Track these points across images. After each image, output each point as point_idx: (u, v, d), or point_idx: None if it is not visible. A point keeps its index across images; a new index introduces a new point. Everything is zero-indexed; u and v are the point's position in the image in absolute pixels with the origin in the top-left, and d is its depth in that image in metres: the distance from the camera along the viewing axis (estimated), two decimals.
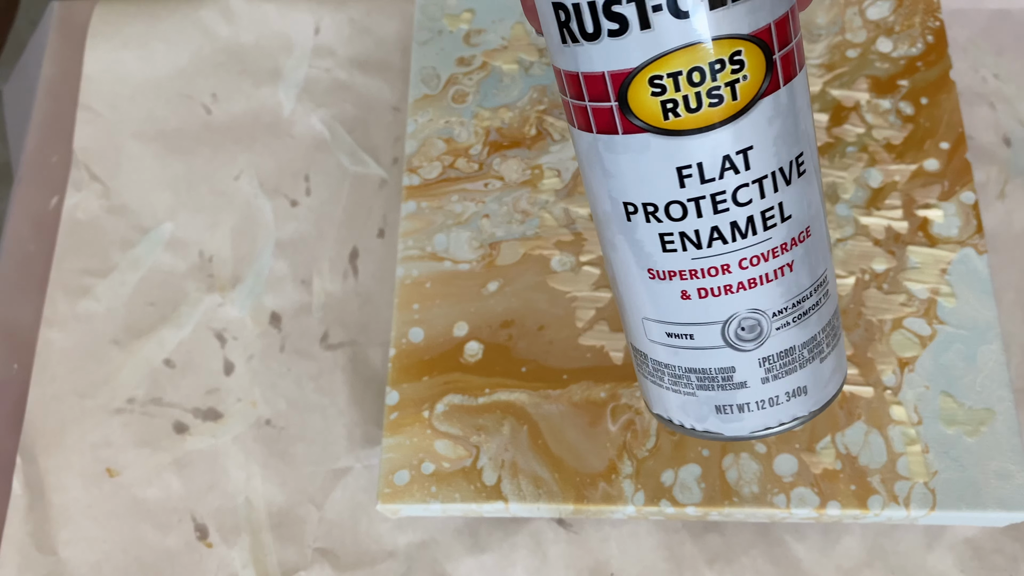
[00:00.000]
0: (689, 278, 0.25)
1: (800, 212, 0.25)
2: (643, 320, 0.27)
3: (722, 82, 0.22)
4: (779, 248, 0.25)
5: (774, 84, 0.23)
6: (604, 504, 0.34)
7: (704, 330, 0.26)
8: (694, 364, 0.27)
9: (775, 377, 0.26)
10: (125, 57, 0.48)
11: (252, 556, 0.38)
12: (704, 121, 0.23)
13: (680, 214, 0.24)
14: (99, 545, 0.39)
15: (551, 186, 0.40)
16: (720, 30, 0.22)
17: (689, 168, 0.23)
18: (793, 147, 0.24)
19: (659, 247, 0.25)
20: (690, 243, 0.24)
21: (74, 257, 0.44)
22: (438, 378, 0.37)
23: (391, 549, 0.38)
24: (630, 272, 0.26)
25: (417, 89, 0.42)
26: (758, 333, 0.26)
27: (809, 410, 0.27)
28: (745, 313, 0.25)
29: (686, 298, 0.25)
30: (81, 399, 0.41)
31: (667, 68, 0.22)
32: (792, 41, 0.23)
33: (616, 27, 0.22)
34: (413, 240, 0.39)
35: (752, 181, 0.23)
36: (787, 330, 0.26)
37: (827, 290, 0.26)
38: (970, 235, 0.38)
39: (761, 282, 0.25)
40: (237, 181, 0.45)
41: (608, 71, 0.23)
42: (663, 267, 0.25)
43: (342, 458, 0.40)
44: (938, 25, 0.42)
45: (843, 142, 0.40)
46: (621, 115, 0.23)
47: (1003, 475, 0.34)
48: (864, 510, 0.34)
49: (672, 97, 0.22)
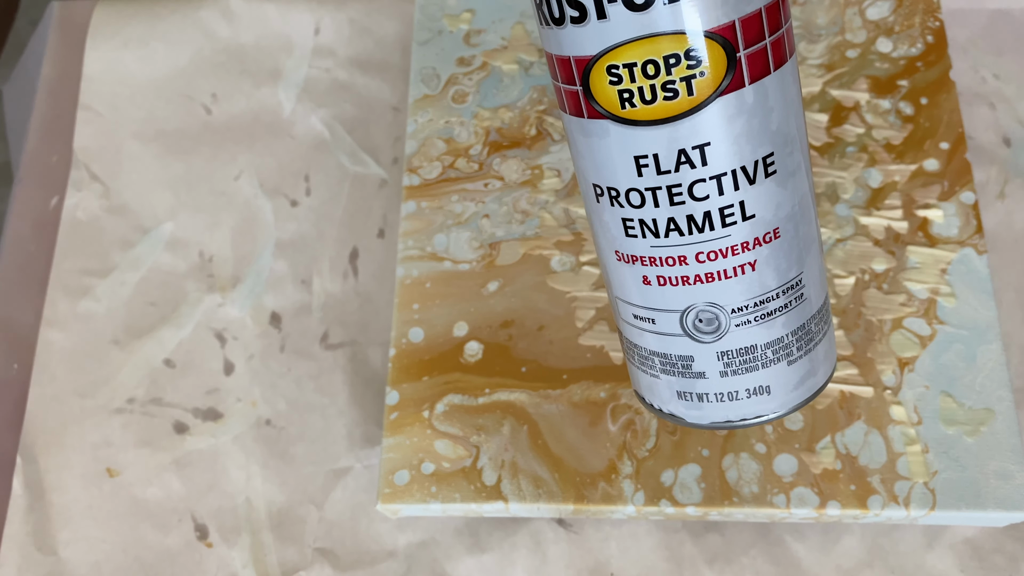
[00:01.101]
0: (649, 265, 0.25)
1: (767, 213, 0.24)
2: (616, 298, 0.28)
3: (677, 76, 0.22)
4: (739, 246, 0.24)
5: (737, 83, 0.23)
6: (604, 504, 0.34)
7: (664, 316, 0.26)
8: (656, 348, 0.27)
9: (734, 372, 0.26)
10: (125, 57, 0.48)
11: (252, 556, 0.38)
12: (659, 114, 0.23)
13: (639, 201, 0.24)
14: (99, 545, 0.39)
15: (551, 186, 0.40)
16: (675, 25, 0.22)
17: (646, 158, 0.23)
18: (760, 147, 0.24)
19: (622, 231, 0.25)
20: (648, 231, 0.25)
21: (74, 257, 0.44)
22: (438, 378, 0.37)
23: (391, 549, 0.38)
24: (603, 251, 0.27)
25: (417, 89, 0.42)
26: (716, 327, 0.26)
27: (773, 411, 0.27)
28: (703, 306, 0.25)
29: (647, 283, 0.26)
30: (81, 399, 0.41)
31: (622, 59, 0.22)
32: (766, 39, 0.23)
33: (576, 15, 0.22)
34: (413, 240, 0.39)
35: (709, 177, 0.23)
36: (748, 328, 0.26)
37: (801, 294, 0.26)
38: (970, 235, 0.38)
39: (719, 277, 0.25)
40: (237, 181, 0.45)
41: (573, 56, 0.23)
42: (625, 251, 0.26)
43: (342, 458, 0.40)
44: (938, 25, 0.42)
45: (843, 142, 0.40)
46: (585, 100, 0.24)
47: (1003, 475, 0.34)
48: (864, 510, 0.34)
49: (628, 87, 0.23)
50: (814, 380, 0.28)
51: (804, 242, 0.26)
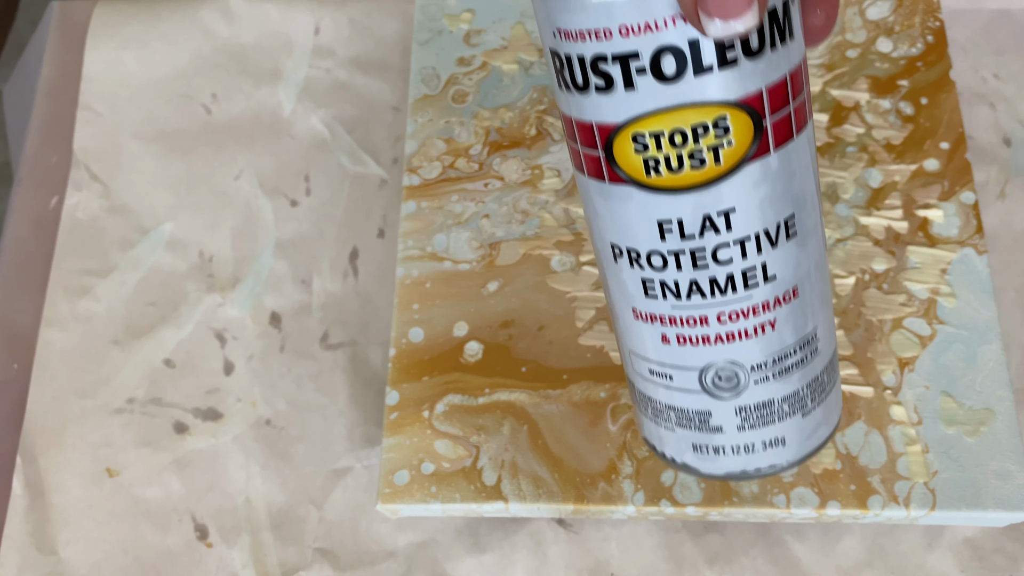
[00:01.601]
0: (668, 324, 0.25)
1: (787, 273, 0.24)
2: (630, 352, 0.27)
3: (705, 145, 0.22)
4: (760, 306, 0.24)
5: (763, 149, 0.22)
6: (604, 504, 0.34)
7: (682, 374, 0.26)
8: (673, 402, 0.27)
9: (751, 427, 0.26)
10: (125, 57, 0.48)
11: (252, 556, 0.38)
12: (685, 181, 0.22)
13: (660, 264, 0.24)
14: (99, 545, 0.39)
15: (551, 186, 0.40)
16: (704, 96, 0.21)
17: (669, 223, 0.23)
18: (782, 210, 0.23)
19: (641, 291, 0.25)
20: (670, 292, 0.24)
21: (74, 257, 0.44)
22: (438, 378, 0.37)
23: (391, 549, 0.38)
24: (618, 307, 0.26)
25: (417, 89, 0.42)
26: (735, 383, 0.25)
27: (788, 460, 0.27)
28: (722, 363, 0.25)
29: (665, 342, 0.25)
30: (81, 399, 0.41)
31: (649, 128, 0.22)
32: (790, 105, 0.22)
33: (602, 83, 0.22)
34: (413, 240, 0.39)
35: (733, 241, 0.23)
36: (766, 383, 0.25)
37: (816, 347, 0.26)
38: (970, 235, 0.38)
39: (740, 337, 0.25)
40: (237, 181, 0.45)
41: (596, 123, 0.23)
42: (644, 310, 0.25)
43: (342, 458, 0.40)
44: (938, 25, 0.42)
45: (843, 142, 0.40)
46: (607, 165, 0.23)
47: (1003, 475, 0.34)
48: (864, 510, 0.34)
49: (654, 156, 0.22)
50: (825, 428, 0.28)
51: (819, 297, 0.26)
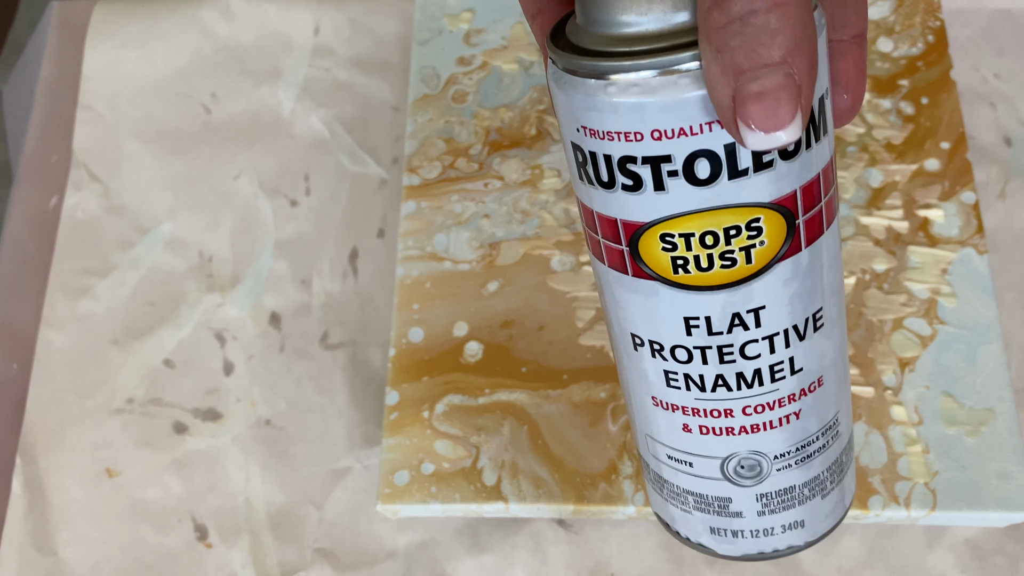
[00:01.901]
0: (691, 415, 0.24)
1: (813, 365, 0.24)
2: (646, 436, 0.26)
3: (736, 247, 0.21)
4: (786, 399, 0.24)
5: (795, 248, 0.22)
6: (604, 504, 0.34)
7: (703, 462, 0.25)
8: (692, 488, 0.26)
9: (772, 512, 0.26)
10: (124, 57, 0.48)
11: (252, 556, 0.38)
12: (715, 280, 0.22)
13: (685, 358, 0.23)
14: (99, 545, 0.39)
15: (551, 186, 0.40)
16: (739, 199, 0.21)
17: (697, 320, 0.22)
18: (811, 305, 0.23)
19: (663, 381, 0.24)
20: (694, 385, 0.24)
21: (74, 257, 0.44)
22: (438, 378, 0.37)
23: (391, 549, 0.38)
24: (636, 392, 0.26)
25: (417, 89, 0.42)
26: (758, 472, 0.25)
27: (805, 540, 0.27)
28: (746, 453, 0.25)
29: (687, 431, 0.25)
30: (81, 399, 0.41)
31: (679, 228, 0.21)
32: (821, 201, 0.22)
33: (630, 183, 0.21)
34: (413, 240, 0.39)
35: (762, 338, 0.23)
36: (788, 471, 0.25)
37: (836, 431, 0.26)
38: (971, 235, 0.38)
39: (764, 428, 0.24)
40: (237, 181, 0.45)
41: (621, 219, 0.22)
42: (665, 399, 0.25)
43: (342, 458, 0.40)
44: (939, 25, 0.42)
45: (844, 142, 0.40)
46: (631, 260, 0.22)
47: (1003, 475, 0.34)
48: (865, 510, 0.34)
49: (683, 255, 0.21)
50: (842, 506, 0.28)
51: (841, 382, 0.25)
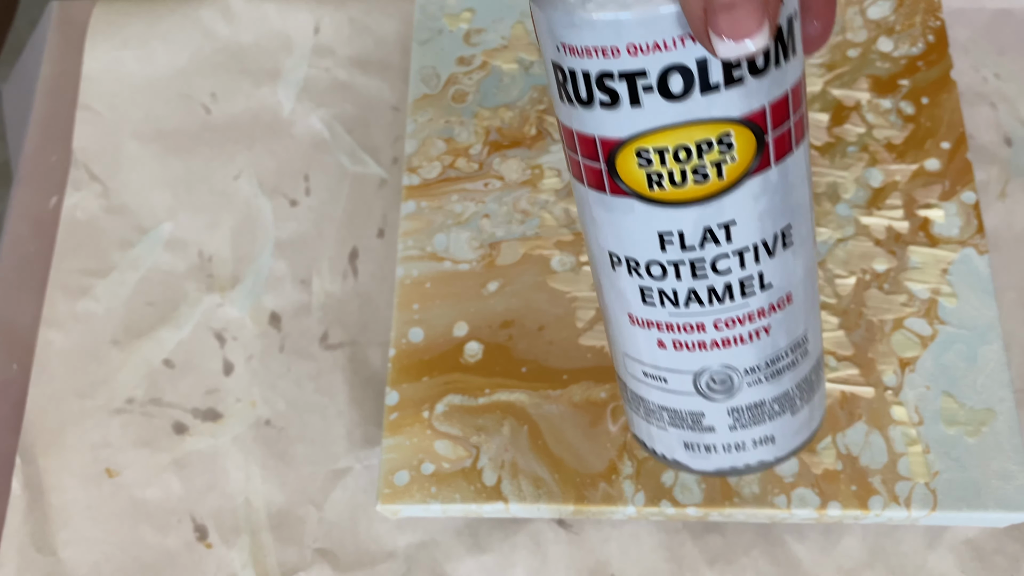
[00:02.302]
0: (665, 330, 0.25)
1: (782, 281, 0.25)
2: (623, 355, 0.27)
3: (708, 161, 0.22)
4: (756, 313, 0.25)
5: (764, 163, 0.23)
6: (604, 504, 0.34)
7: (677, 377, 0.26)
8: (667, 404, 0.27)
9: (743, 426, 0.27)
10: (124, 57, 0.47)
11: (252, 556, 0.38)
12: (687, 195, 0.23)
13: (659, 273, 0.24)
14: (98, 545, 0.39)
15: (551, 186, 0.40)
16: (710, 113, 0.21)
17: (670, 235, 0.23)
18: (780, 220, 0.24)
19: (639, 298, 0.25)
20: (668, 300, 0.25)
21: (73, 257, 0.44)
22: (438, 378, 0.37)
23: (391, 549, 0.38)
24: (613, 312, 0.27)
25: (417, 89, 0.42)
26: (729, 386, 0.26)
27: (775, 456, 0.28)
28: (717, 368, 0.26)
29: (661, 347, 0.26)
30: (80, 399, 0.41)
31: (654, 143, 0.22)
32: (790, 119, 0.23)
33: (607, 100, 0.22)
34: (413, 240, 0.39)
35: (733, 252, 0.24)
36: (758, 385, 0.26)
37: (805, 349, 0.26)
38: (971, 235, 0.38)
39: (735, 343, 0.25)
40: (237, 181, 0.45)
41: (599, 136, 0.23)
42: (641, 316, 0.26)
43: (342, 458, 0.40)
44: (939, 24, 0.42)
45: (844, 142, 0.40)
46: (609, 178, 0.23)
47: (1004, 475, 0.34)
48: (865, 510, 0.34)
49: (657, 170, 0.22)
50: (812, 424, 0.28)
51: (810, 301, 0.26)
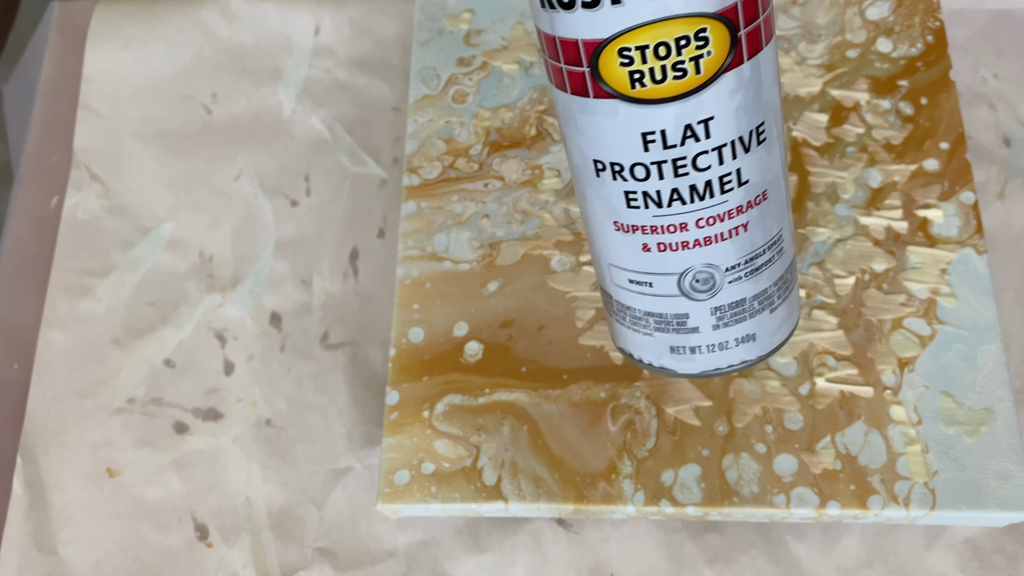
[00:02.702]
0: (650, 233, 0.27)
1: (757, 177, 0.26)
2: (609, 265, 0.29)
3: (687, 57, 0.23)
4: (735, 210, 0.26)
5: (738, 59, 0.24)
6: (604, 504, 0.34)
7: (662, 280, 0.28)
8: (652, 308, 0.28)
9: (725, 325, 0.28)
10: (125, 57, 0.48)
11: (252, 556, 0.38)
12: (668, 92, 0.24)
13: (643, 175, 0.25)
14: (99, 545, 0.39)
15: (551, 186, 0.40)
16: (687, 8, 0.23)
17: (653, 134, 0.24)
18: (754, 117, 0.25)
19: (624, 203, 0.26)
20: (651, 202, 0.26)
21: (74, 257, 0.44)
22: (438, 378, 0.37)
23: (391, 549, 0.38)
24: (598, 222, 0.28)
25: (417, 89, 0.42)
26: (711, 285, 0.27)
27: (757, 355, 0.30)
28: (700, 267, 0.27)
29: (646, 250, 0.27)
30: (81, 399, 0.41)
31: (635, 41, 0.23)
32: (760, 17, 0.24)
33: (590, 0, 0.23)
34: (413, 240, 0.39)
35: (712, 149, 0.25)
36: (739, 283, 0.28)
37: (781, 248, 0.28)
38: (970, 235, 0.38)
39: (716, 240, 0.26)
40: (237, 181, 0.45)
41: (581, 39, 0.24)
42: (627, 221, 0.27)
43: (342, 458, 0.40)
44: (938, 25, 0.42)
45: (843, 142, 0.40)
46: (592, 81, 0.24)
47: (1003, 475, 0.34)
48: (864, 510, 0.34)
49: (639, 68, 0.23)
50: (789, 323, 0.30)
51: (784, 201, 0.28)
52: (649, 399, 0.36)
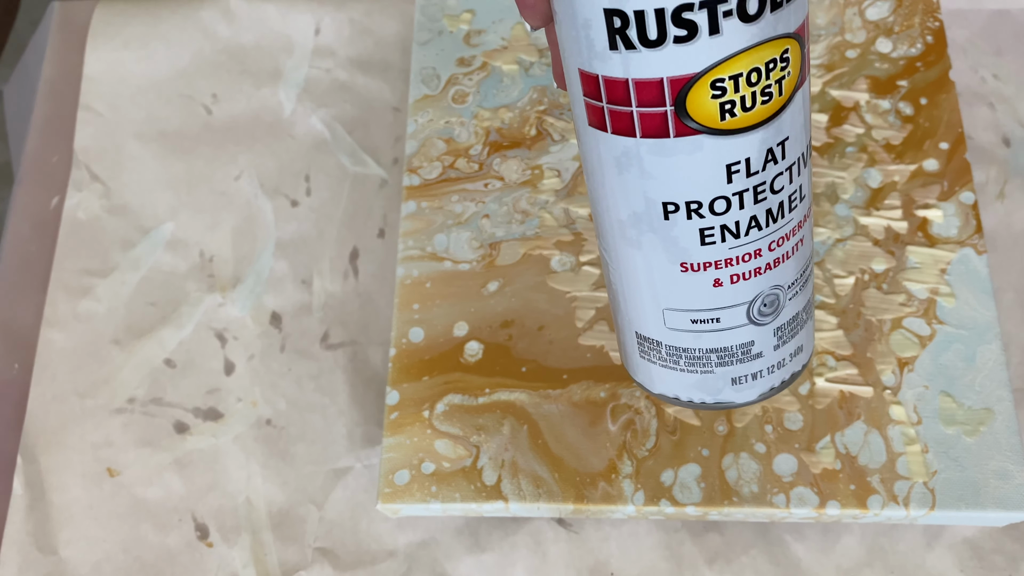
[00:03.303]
0: (723, 267, 0.26)
1: (808, 190, 0.26)
2: (664, 311, 0.28)
3: (773, 80, 0.23)
4: (796, 227, 0.26)
5: (804, 75, 0.24)
6: (604, 504, 0.34)
7: (730, 312, 0.27)
8: (716, 344, 0.28)
9: (783, 343, 0.28)
10: (126, 58, 0.48)
11: (252, 555, 0.38)
12: (756, 118, 0.23)
13: (723, 208, 0.25)
14: (100, 545, 0.39)
15: (551, 186, 0.40)
16: (777, 30, 0.22)
17: (737, 164, 0.24)
18: (807, 131, 0.25)
19: (697, 242, 0.25)
20: (729, 234, 0.25)
21: (75, 257, 0.44)
22: (438, 378, 0.37)
23: (391, 549, 0.38)
24: (657, 267, 0.27)
25: (417, 89, 0.42)
26: (776, 307, 0.27)
27: (802, 364, 0.30)
28: (768, 291, 0.27)
29: (717, 285, 0.26)
30: (82, 399, 0.41)
31: (730, 71, 0.22)
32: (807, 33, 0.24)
33: (684, 33, 0.21)
34: (413, 240, 0.39)
35: (785, 169, 0.25)
36: (795, 299, 0.28)
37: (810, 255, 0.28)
38: (969, 235, 0.38)
39: (783, 260, 0.26)
40: (237, 181, 0.45)
41: (668, 77, 0.22)
42: (699, 259, 0.26)
43: (342, 458, 0.40)
44: (937, 25, 0.42)
45: (842, 142, 0.40)
46: (676, 119, 0.23)
47: (1002, 475, 0.34)
48: (863, 510, 0.34)
49: (731, 98, 0.23)
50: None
51: None
52: (649, 399, 0.36)
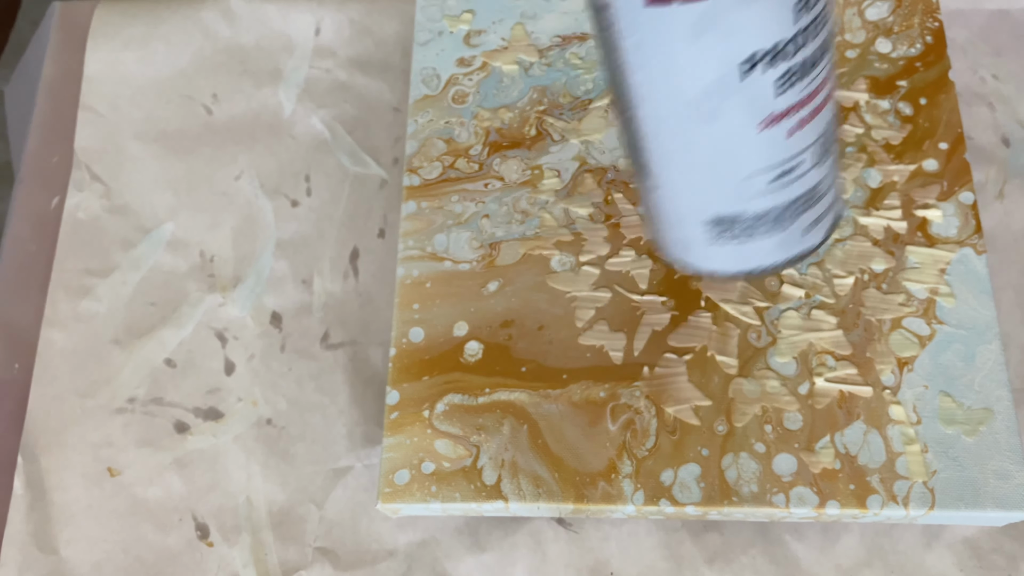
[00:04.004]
0: (796, 111, 0.27)
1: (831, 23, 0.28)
2: (747, 179, 0.29)
3: None
4: (832, 65, 0.28)
5: None
6: (604, 503, 0.34)
7: (804, 157, 0.28)
8: (798, 192, 0.29)
9: (836, 178, 0.30)
10: (126, 58, 0.48)
11: (253, 555, 0.38)
12: None
13: (793, 50, 0.26)
14: (100, 544, 0.39)
15: (551, 186, 0.40)
16: None
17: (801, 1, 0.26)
18: None
19: (773, 93, 0.27)
20: (796, 77, 0.27)
21: (75, 257, 0.44)
22: (438, 378, 0.37)
23: (391, 548, 0.38)
24: (737, 133, 0.28)
25: (417, 89, 0.42)
26: (832, 145, 0.29)
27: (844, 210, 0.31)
28: (826, 129, 0.28)
29: (792, 134, 0.28)
30: (82, 399, 0.41)
31: None
32: None
33: None
34: (413, 240, 0.39)
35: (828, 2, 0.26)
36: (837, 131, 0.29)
37: None
38: (969, 235, 0.38)
39: (831, 95, 0.28)
40: (238, 181, 0.45)
41: None
42: (778, 109, 0.27)
43: (342, 458, 0.40)
44: (937, 26, 0.42)
45: (842, 142, 0.40)
46: None
47: (1002, 475, 0.34)
48: (863, 509, 0.34)
49: None
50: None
51: None
52: (649, 399, 0.36)
